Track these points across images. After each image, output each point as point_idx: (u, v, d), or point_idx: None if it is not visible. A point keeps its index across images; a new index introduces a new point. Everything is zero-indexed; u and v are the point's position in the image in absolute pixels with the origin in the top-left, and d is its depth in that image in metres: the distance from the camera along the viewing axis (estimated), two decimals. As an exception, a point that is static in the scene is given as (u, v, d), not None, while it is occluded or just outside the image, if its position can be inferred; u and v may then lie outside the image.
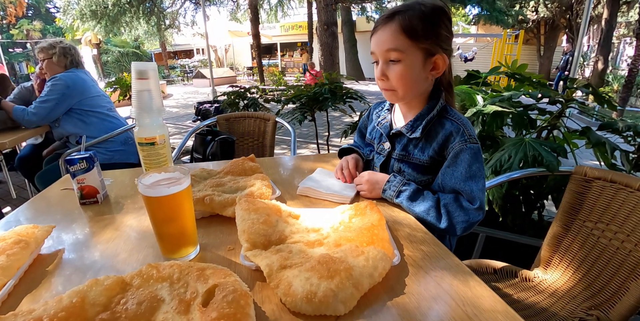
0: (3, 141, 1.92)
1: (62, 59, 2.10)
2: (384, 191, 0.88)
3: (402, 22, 0.82)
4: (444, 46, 0.85)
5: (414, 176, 0.93)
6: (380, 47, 0.86)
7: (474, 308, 0.51)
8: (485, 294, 0.55)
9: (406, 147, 0.94)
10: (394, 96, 0.91)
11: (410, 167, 0.93)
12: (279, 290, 0.50)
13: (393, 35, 0.83)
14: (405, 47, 0.83)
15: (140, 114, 0.86)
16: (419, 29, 0.82)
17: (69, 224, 0.78)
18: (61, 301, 0.44)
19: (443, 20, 0.84)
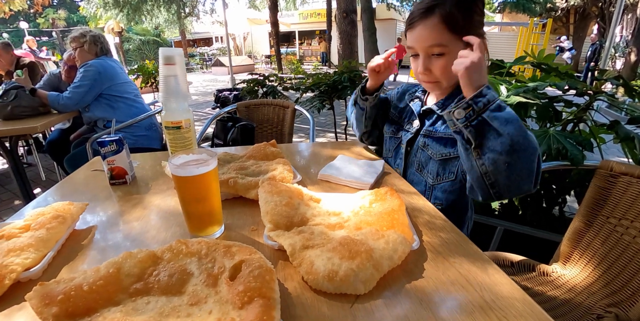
0: (35, 125, 2.02)
1: (92, 47, 2.19)
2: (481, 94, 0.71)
3: (443, 16, 0.80)
4: (480, 32, 0.83)
5: (436, 149, 0.91)
6: (422, 44, 0.84)
7: (492, 294, 0.52)
8: (504, 281, 0.55)
9: (434, 124, 0.94)
10: (437, 87, 0.90)
11: (435, 140, 0.92)
12: (302, 269, 0.52)
13: (436, 31, 0.81)
14: (449, 41, 0.81)
15: (167, 98, 0.88)
16: (460, 20, 0.80)
17: (100, 202, 0.82)
18: (99, 271, 0.47)
19: (477, 5, 0.82)
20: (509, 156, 0.67)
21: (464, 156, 0.75)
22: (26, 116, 2.22)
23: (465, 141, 0.73)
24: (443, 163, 0.91)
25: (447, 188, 0.92)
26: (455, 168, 0.89)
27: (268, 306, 0.42)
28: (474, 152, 0.71)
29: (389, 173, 0.98)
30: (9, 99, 2.17)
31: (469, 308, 0.49)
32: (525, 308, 0.49)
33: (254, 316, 0.40)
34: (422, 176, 0.96)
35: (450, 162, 0.90)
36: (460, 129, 0.72)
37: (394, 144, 1.08)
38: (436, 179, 0.92)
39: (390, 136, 1.11)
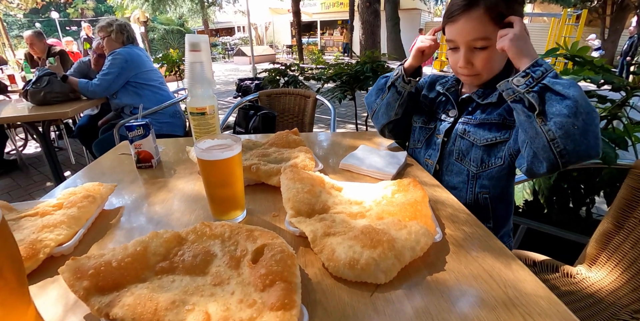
0: (66, 110, 2.10)
1: (119, 36, 2.25)
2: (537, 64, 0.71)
3: (488, 8, 0.78)
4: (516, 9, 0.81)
5: (479, 135, 0.89)
6: (465, 37, 0.83)
7: (516, 290, 0.51)
8: (528, 278, 0.53)
9: (472, 113, 0.92)
10: (477, 79, 0.89)
11: (475, 126, 0.90)
12: (323, 255, 0.52)
13: (480, 24, 0.80)
14: (492, 33, 0.79)
15: (193, 84, 0.89)
16: (504, 11, 0.78)
17: (127, 185, 0.85)
18: (127, 249, 0.49)
19: None
20: (577, 118, 0.66)
21: (526, 125, 0.72)
22: (58, 102, 2.31)
23: (527, 108, 0.71)
24: (488, 149, 0.88)
25: (494, 174, 0.89)
26: (503, 153, 0.87)
27: (289, 289, 0.42)
28: (538, 119, 0.69)
29: (412, 164, 0.97)
30: (42, 85, 2.26)
31: (492, 303, 0.48)
32: (551, 306, 0.48)
33: (275, 298, 0.40)
34: (463, 165, 0.93)
35: (496, 147, 0.87)
36: (520, 97, 0.71)
37: (425, 135, 1.04)
38: (481, 167, 0.90)
39: (420, 126, 1.07)
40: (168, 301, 0.40)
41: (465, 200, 0.94)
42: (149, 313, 0.38)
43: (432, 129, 1.03)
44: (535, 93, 0.69)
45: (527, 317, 0.46)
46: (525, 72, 0.70)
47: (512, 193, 0.96)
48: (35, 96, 2.25)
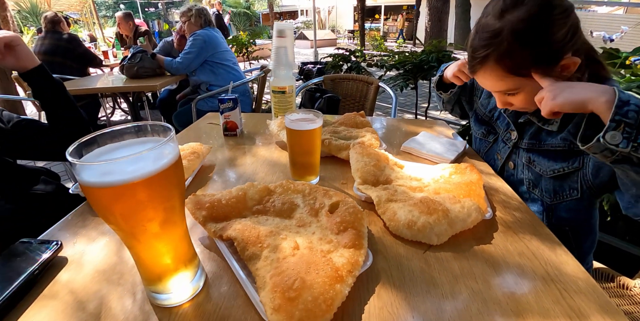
0: (155, 84, 2.40)
1: (197, 19, 2.49)
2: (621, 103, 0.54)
3: (501, 62, 0.68)
4: (566, 49, 0.67)
5: (545, 165, 0.79)
6: (489, 89, 0.77)
7: (556, 270, 0.54)
8: (571, 262, 0.56)
9: (537, 136, 0.82)
10: (527, 110, 0.81)
11: (541, 155, 0.80)
12: (385, 216, 0.62)
13: (498, 79, 0.71)
14: (520, 84, 0.71)
15: (277, 66, 1.02)
16: (526, 60, 0.67)
17: (217, 148, 1.01)
18: (231, 193, 0.63)
19: (552, 25, 0.65)
20: None
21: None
22: (147, 76, 2.63)
23: (637, 165, 0.56)
24: (559, 180, 0.78)
25: (572, 207, 0.78)
26: (577, 184, 0.76)
27: (359, 235, 0.53)
28: None
29: (470, 153, 1.01)
30: (135, 61, 2.58)
31: (531, 275, 0.53)
32: (587, 287, 0.51)
33: (348, 240, 0.51)
34: (536, 195, 0.84)
35: (568, 178, 0.77)
36: (626, 155, 0.55)
37: (485, 148, 0.98)
38: (554, 198, 0.79)
39: (480, 138, 1.00)
40: (267, 231, 0.53)
41: None
42: (254, 236, 0.51)
43: (491, 143, 0.96)
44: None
45: (563, 292, 0.50)
46: (614, 122, 0.54)
47: (595, 224, 0.85)
48: (129, 70, 2.58)
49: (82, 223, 0.66)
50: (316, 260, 0.46)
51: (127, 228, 0.39)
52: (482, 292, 0.50)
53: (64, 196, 0.93)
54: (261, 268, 0.46)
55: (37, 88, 0.92)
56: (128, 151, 0.40)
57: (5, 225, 0.79)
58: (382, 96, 4.61)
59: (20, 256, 0.54)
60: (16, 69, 0.88)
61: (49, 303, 0.48)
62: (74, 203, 0.72)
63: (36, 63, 0.90)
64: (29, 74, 0.89)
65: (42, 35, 3.19)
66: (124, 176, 0.35)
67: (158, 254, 0.43)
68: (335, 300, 0.42)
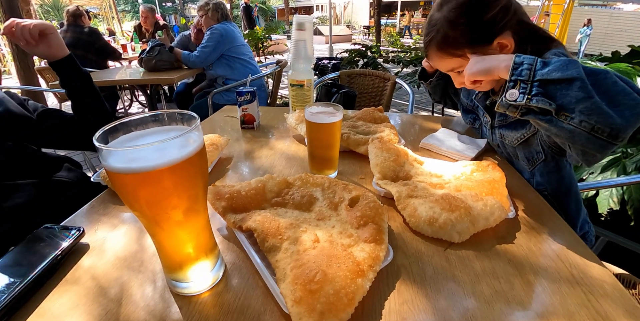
0: (172, 77, 2.43)
1: (215, 13, 2.50)
2: (516, 65, 0.60)
3: (440, 45, 0.79)
4: (496, 30, 0.76)
5: (511, 136, 0.86)
6: (441, 69, 0.88)
7: (582, 272, 0.52)
8: (596, 266, 0.54)
9: (504, 113, 0.85)
10: (482, 88, 0.86)
11: (508, 127, 0.88)
12: (405, 212, 0.61)
13: (442, 60, 0.82)
14: (461, 63, 0.80)
15: (296, 60, 1.01)
16: (460, 42, 0.77)
17: (234, 141, 1.02)
18: (250, 184, 0.63)
19: (480, 9, 0.75)
20: (598, 91, 0.56)
21: (554, 130, 0.62)
22: (164, 69, 2.66)
23: (541, 113, 0.61)
24: (525, 147, 0.86)
25: (542, 169, 0.86)
26: (539, 147, 0.83)
27: (379, 230, 0.52)
28: (561, 117, 0.58)
29: (491, 152, 0.98)
30: (154, 54, 2.61)
31: (555, 277, 0.51)
32: (615, 291, 0.49)
33: (368, 234, 0.51)
34: (521, 166, 0.92)
35: (530, 142, 0.84)
36: (526, 108, 0.61)
37: (476, 136, 1.05)
38: (529, 164, 0.88)
39: (470, 126, 1.09)
40: (287, 223, 0.52)
41: None
42: (273, 227, 0.51)
43: (477, 129, 1.05)
44: (539, 95, 0.58)
45: (589, 295, 0.48)
46: (511, 81, 0.60)
47: (573, 184, 0.90)
48: (148, 63, 2.62)
49: (103, 210, 0.67)
50: (337, 254, 0.45)
51: (151, 215, 0.39)
52: (505, 292, 0.48)
53: (86, 184, 0.95)
54: (281, 260, 0.46)
55: (66, 77, 0.94)
56: (153, 138, 0.40)
57: (30, 211, 0.81)
58: (397, 93, 4.55)
59: (44, 241, 0.55)
60: (47, 58, 0.90)
61: (71, 287, 0.49)
62: (95, 191, 0.73)
63: (66, 53, 0.92)
64: (58, 63, 0.91)
65: (63, 29, 3.26)
66: (149, 162, 0.35)
67: (180, 242, 0.43)
68: (356, 294, 0.41)
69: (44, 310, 0.45)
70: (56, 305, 0.46)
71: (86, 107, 0.98)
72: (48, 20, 9.58)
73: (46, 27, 0.85)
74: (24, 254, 0.53)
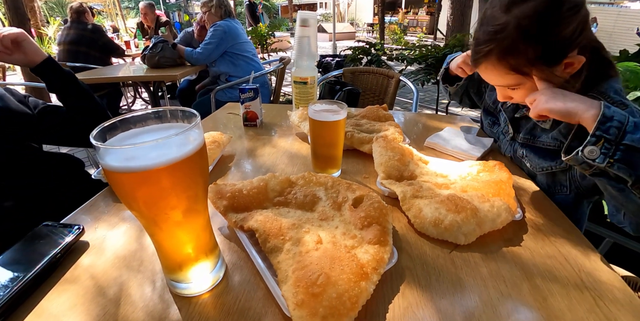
0: (175, 73, 2.42)
1: (218, 10, 2.48)
2: (604, 119, 0.53)
3: (503, 61, 0.66)
4: (571, 48, 0.64)
5: (535, 162, 0.80)
6: (491, 83, 0.75)
7: (590, 276, 0.51)
8: (605, 269, 0.53)
9: (532, 131, 0.82)
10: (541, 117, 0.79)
11: (533, 151, 0.80)
12: (410, 213, 0.59)
13: (499, 75, 0.69)
14: (521, 80, 0.68)
15: (299, 56, 1.00)
16: (529, 58, 0.64)
17: (236, 138, 1.01)
18: (252, 183, 0.62)
19: (559, 22, 0.61)
20: None
21: (620, 199, 0.59)
22: (167, 66, 2.65)
23: (615, 180, 0.56)
24: (548, 177, 0.79)
25: (560, 201, 0.77)
26: (567, 182, 0.76)
27: (384, 231, 0.51)
28: (637, 190, 0.54)
29: (497, 151, 0.97)
30: (157, 51, 2.60)
31: (564, 281, 0.50)
32: (625, 297, 0.48)
33: (372, 235, 0.49)
34: None
35: (557, 176, 0.78)
36: (602, 170, 0.56)
37: (492, 136, 1.00)
38: (547, 191, 0.79)
39: (488, 128, 1.02)
40: (289, 223, 0.51)
41: None
42: (275, 228, 0.50)
43: (495, 134, 0.98)
44: (621, 162, 0.52)
45: (598, 300, 0.47)
46: (595, 137, 0.54)
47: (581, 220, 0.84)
48: (151, 59, 2.61)
49: (103, 208, 0.67)
50: (340, 256, 0.44)
51: (150, 215, 0.38)
52: (512, 296, 0.47)
53: (87, 182, 0.94)
54: (283, 261, 0.45)
55: (49, 81, 0.91)
56: (152, 136, 0.38)
57: (30, 209, 0.81)
58: (401, 91, 4.53)
59: (43, 239, 0.54)
60: (25, 65, 0.87)
61: (70, 287, 0.48)
62: (96, 188, 0.73)
63: (44, 56, 0.88)
64: (38, 68, 0.88)
65: (67, 26, 3.25)
66: (147, 161, 0.34)
67: (179, 243, 0.42)
68: (360, 297, 0.40)
69: (42, 309, 0.45)
70: (54, 305, 0.45)
71: (72, 107, 0.95)
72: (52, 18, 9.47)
73: (17, 35, 0.82)
74: (23, 252, 0.52)
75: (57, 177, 0.89)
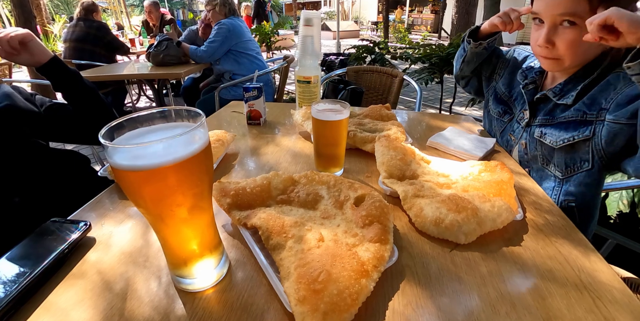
0: (180, 71, 2.43)
1: (222, 8, 2.49)
2: None
3: None
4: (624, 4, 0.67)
5: (557, 136, 0.80)
6: (551, 10, 0.74)
7: (590, 277, 0.51)
8: (605, 270, 0.53)
9: (551, 113, 0.84)
10: (557, 65, 0.80)
11: (554, 127, 0.82)
12: (411, 212, 0.60)
13: None
14: (585, 12, 0.69)
15: (303, 55, 1.00)
16: None
17: (240, 137, 1.02)
18: (256, 181, 0.63)
19: None
20: None
21: None
22: (172, 64, 2.66)
23: None
24: (569, 151, 0.80)
25: (581, 180, 0.79)
26: (589, 154, 0.77)
27: (385, 230, 0.51)
28: None
29: (499, 151, 0.97)
30: (161, 49, 2.61)
31: (563, 281, 0.51)
32: (624, 298, 0.48)
33: (373, 234, 0.50)
34: (550, 170, 0.86)
35: (579, 148, 0.78)
36: None
37: (500, 128, 1.00)
38: (566, 172, 0.81)
39: (496, 118, 1.01)
40: (291, 221, 0.52)
41: None
42: (278, 225, 0.51)
43: (506, 123, 0.98)
44: None
45: (597, 301, 0.47)
46: None
47: (597, 204, 0.86)
48: (155, 57, 2.62)
49: (109, 205, 0.68)
50: (341, 253, 0.45)
51: (156, 212, 0.39)
52: (511, 295, 0.48)
53: (93, 179, 0.95)
54: (285, 258, 0.46)
55: (54, 80, 0.92)
56: (158, 135, 0.39)
57: (37, 205, 0.82)
58: (405, 90, 4.53)
59: (51, 235, 0.56)
60: (32, 65, 0.88)
61: (77, 281, 0.49)
62: (102, 185, 0.74)
63: (50, 56, 0.89)
64: (44, 67, 0.89)
65: (73, 23, 3.26)
66: (154, 160, 0.35)
67: (185, 239, 0.43)
68: (360, 294, 0.41)
69: (50, 303, 0.46)
70: (62, 299, 0.46)
71: (81, 106, 0.96)
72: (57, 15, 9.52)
73: (24, 36, 0.83)
74: (32, 247, 0.53)
75: (64, 173, 0.91)
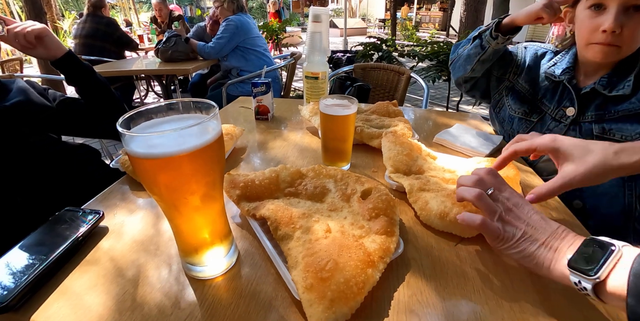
0: (188, 67, 2.45)
1: (230, 5, 2.50)
2: None
3: None
4: None
5: (631, 130, 0.74)
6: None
7: None
8: None
9: (603, 107, 0.78)
10: (614, 53, 0.74)
11: (620, 122, 0.75)
12: (417, 205, 0.61)
13: None
14: None
15: (311, 51, 1.01)
16: None
17: (248, 131, 1.03)
18: (264, 174, 0.64)
19: None
20: None
21: None
22: (180, 60, 2.68)
23: None
24: None
25: None
26: None
27: (391, 223, 0.52)
28: None
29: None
30: (170, 45, 2.63)
31: None
32: None
33: (380, 226, 0.51)
34: None
35: None
36: None
37: (526, 128, 0.93)
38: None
39: (521, 118, 0.94)
40: (299, 213, 0.53)
41: (624, 206, 0.78)
42: (286, 217, 0.52)
43: (534, 122, 0.91)
44: None
45: None
46: None
47: None
48: (164, 53, 2.64)
49: (121, 195, 0.70)
50: (348, 244, 0.46)
51: (170, 199, 0.40)
52: (515, 290, 0.48)
53: (105, 170, 0.97)
54: (293, 248, 0.47)
55: (68, 74, 0.94)
56: (173, 125, 0.40)
57: (53, 195, 0.85)
58: (412, 88, 4.51)
59: (65, 223, 0.57)
60: (47, 58, 0.91)
61: (91, 268, 0.51)
62: (113, 176, 0.76)
63: (65, 50, 0.92)
64: (59, 61, 0.91)
65: (82, 19, 3.29)
66: (170, 148, 0.36)
67: (197, 227, 0.45)
68: (366, 283, 0.42)
69: (66, 287, 0.47)
70: (77, 284, 0.48)
71: (93, 100, 0.98)
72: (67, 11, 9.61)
73: (40, 31, 0.85)
74: (47, 235, 0.55)
75: (77, 165, 0.93)
